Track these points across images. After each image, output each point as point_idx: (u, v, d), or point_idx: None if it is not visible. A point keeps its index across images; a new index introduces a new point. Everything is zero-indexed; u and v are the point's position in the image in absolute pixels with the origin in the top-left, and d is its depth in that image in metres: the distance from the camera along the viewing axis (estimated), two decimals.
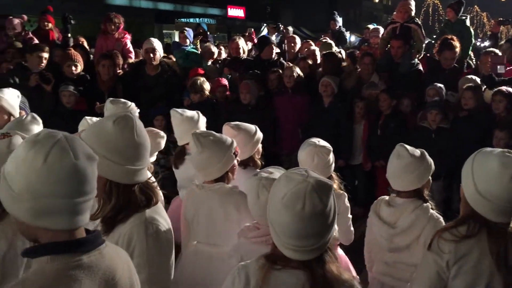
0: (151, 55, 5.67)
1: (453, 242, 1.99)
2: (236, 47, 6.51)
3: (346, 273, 1.63)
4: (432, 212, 2.67)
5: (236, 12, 23.73)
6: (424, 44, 6.74)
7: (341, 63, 6.56)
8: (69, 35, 6.34)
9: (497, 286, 1.96)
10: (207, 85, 5.51)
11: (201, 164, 2.69)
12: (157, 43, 5.77)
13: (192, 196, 2.77)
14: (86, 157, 1.36)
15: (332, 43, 7.42)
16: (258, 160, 3.32)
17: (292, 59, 6.79)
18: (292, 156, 5.41)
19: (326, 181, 1.57)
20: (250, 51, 7.54)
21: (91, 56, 6.58)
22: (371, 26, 9.35)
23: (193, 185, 2.79)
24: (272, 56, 6.31)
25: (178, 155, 3.66)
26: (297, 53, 7.08)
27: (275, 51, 6.43)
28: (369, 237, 2.90)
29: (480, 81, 5.47)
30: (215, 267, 2.52)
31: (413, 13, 6.58)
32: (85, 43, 6.88)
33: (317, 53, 6.78)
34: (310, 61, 6.45)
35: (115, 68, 5.71)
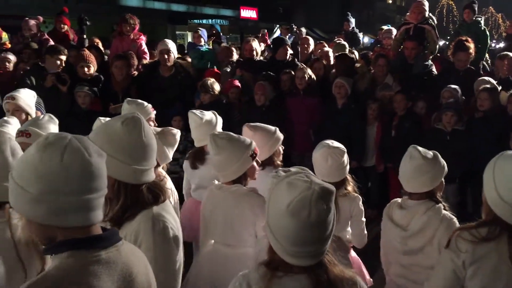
0: (166, 57, 5.71)
1: (472, 242, 1.97)
2: (250, 48, 6.53)
3: (347, 270, 1.62)
4: (445, 212, 2.65)
5: (248, 13, 23.77)
6: (438, 45, 6.69)
7: (354, 64, 6.55)
8: (85, 36, 6.42)
9: None
10: (217, 86, 5.54)
11: (218, 166, 2.71)
12: (171, 45, 5.81)
13: (211, 196, 2.80)
14: (97, 154, 1.41)
15: (346, 44, 7.40)
16: (277, 161, 3.30)
17: (305, 60, 6.78)
18: (304, 157, 5.41)
19: (329, 187, 1.56)
20: (263, 52, 7.55)
21: (105, 57, 6.64)
22: (384, 27, 9.31)
23: (212, 185, 2.81)
24: (286, 57, 6.32)
25: (197, 155, 3.65)
26: (310, 54, 7.07)
27: (289, 52, 6.44)
28: (384, 240, 2.89)
29: (496, 83, 5.43)
30: (231, 267, 2.52)
31: (427, 14, 6.54)
32: (100, 44, 6.95)
33: (331, 54, 6.78)
34: (324, 62, 6.45)
35: (130, 69, 5.76)
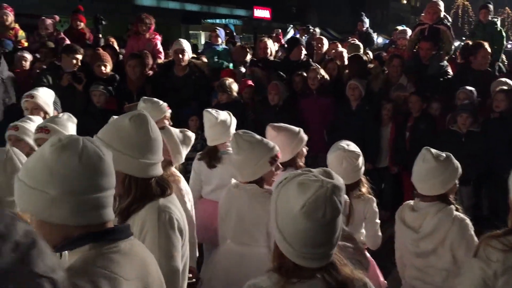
0: (180, 56, 5.74)
1: (502, 251, 1.93)
2: (264, 47, 6.53)
3: (356, 271, 1.61)
4: (457, 213, 2.62)
5: (262, 13, 23.77)
6: (454, 46, 6.65)
7: (367, 65, 6.52)
8: (100, 35, 6.47)
9: None
10: (235, 86, 5.55)
11: (237, 165, 2.76)
12: (186, 44, 5.83)
13: (228, 195, 2.84)
14: (108, 153, 1.46)
15: (360, 44, 7.38)
16: (300, 162, 3.28)
17: (319, 60, 6.77)
18: (317, 157, 5.40)
19: (340, 182, 1.55)
20: (277, 52, 7.56)
21: (120, 56, 6.70)
22: (399, 28, 9.26)
23: (230, 184, 2.84)
24: (301, 57, 6.32)
25: (212, 154, 3.64)
26: (324, 55, 7.06)
27: (303, 52, 6.43)
28: (397, 242, 2.88)
29: None
30: (246, 266, 2.55)
31: (442, 14, 6.49)
32: (115, 43, 7.01)
33: (344, 55, 6.76)
34: (338, 63, 6.43)
35: (144, 68, 5.79)
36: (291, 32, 11.33)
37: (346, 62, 6.63)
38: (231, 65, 6.83)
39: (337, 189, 1.52)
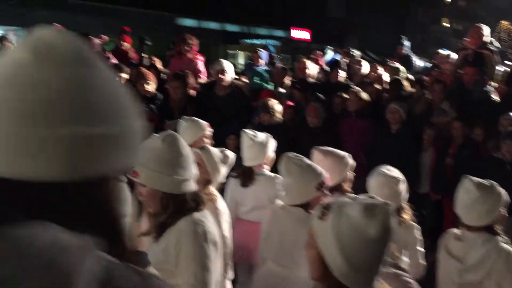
0: (221, 76, 5.84)
1: None
2: (303, 68, 6.57)
3: None
4: (503, 245, 2.53)
5: (300, 34, 23.93)
6: (498, 71, 6.51)
7: (408, 89, 6.46)
8: (143, 55, 6.67)
9: None
10: (278, 107, 5.56)
11: (284, 187, 2.79)
12: (227, 65, 5.94)
13: (273, 216, 2.86)
14: None
15: (401, 67, 7.32)
16: (347, 187, 3.26)
17: (359, 82, 6.76)
18: (355, 180, 5.34)
19: (391, 204, 1.55)
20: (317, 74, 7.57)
21: (163, 75, 6.87)
22: (441, 51, 9.13)
23: (277, 205, 2.86)
24: (340, 79, 6.32)
25: (247, 174, 3.67)
26: (364, 77, 7.04)
27: (343, 74, 6.43)
28: (440, 272, 2.81)
29: None
30: None
31: (486, 38, 6.38)
32: (158, 62, 7.19)
33: (384, 78, 6.72)
34: (378, 86, 6.40)
35: (186, 88, 5.92)
36: (329, 54, 11.35)
37: (386, 85, 6.59)
38: (270, 86, 6.88)
39: (393, 210, 1.53)
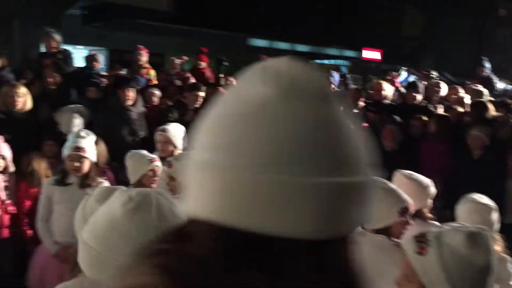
0: None
1: None
2: (379, 89, 6.47)
3: None
4: None
5: (371, 55, 23.57)
6: None
7: (493, 112, 6.16)
8: (222, 75, 6.88)
9: None
10: None
11: None
12: None
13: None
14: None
15: (484, 90, 7.00)
16: (427, 214, 3.17)
17: (437, 104, 6.55)
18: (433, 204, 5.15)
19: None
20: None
21: None
22: None
23: (358, 230, 2.80)
24: (418, 101, 6.16)
25: None
26: (443, 99, 6.81)
27: (421, 96, 6.28)
28: None
29: None
30: None
31: None
32: (234, 82, 7.39)
33: (466, 100, 6.46)
34: (460, 108, 6.16)
35: None
36: (403, 75, 11.12)
37: (468, 107, 6.34)
38: None
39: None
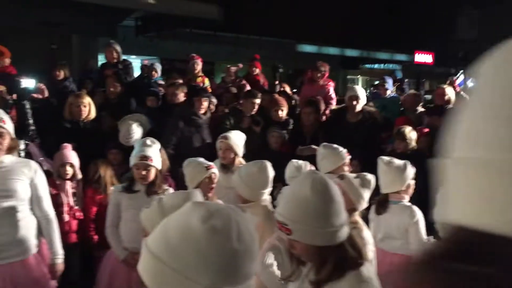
0: (354, 103, 5.79)
1: None
2: (442, 94, 6.24)
3: None
4: None
5: (423, 58, 22.94)
6: None
7: None
8: (277, 82, 6.88)
9: None
10: (414, 135, 5.35)
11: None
12: (360, 91, 5.87)
13: None
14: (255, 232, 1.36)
15: None
16: None
17: None
18: None
19: None
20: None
21: (292, 101, 7.01)
22: None
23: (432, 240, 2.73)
24: None
25: (382, 201, 3.69)
26: None
27: None
28: None
29: None
30: None
31: None
32: (287, 88, 7.37)
33: None
34: None
35: (318, 114, 5.97)
36: (461, 78, 10.73)
37: None
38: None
39: None
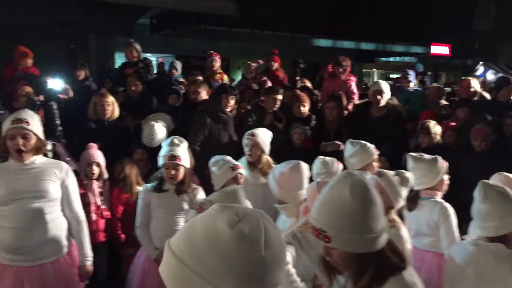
0: (378, 97, 5.71)
1: None
2: (467, 86, 6.14)
3: None
4: None
5: (440, 50, 22.63)
6: None
7: None
8: (298, 77, 6.81)
9: None
10: (438, 129, 5.28)
11: (478, 216, 2.54)
12: (384, 85, 5.78)
13: (463, 251, 2.61)
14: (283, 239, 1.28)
15: None
16: None
17: None
18: None
19: None
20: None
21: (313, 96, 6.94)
22: None
23: (466, 239, 2.65)
24: (510, 97, 5.79)
25: (412, 197, 3.59)
26: None
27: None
28: None
29: None
30: None
31: None
32: (308, 83, 7.29)
33: None
34: None
35: (341, 109, 5.90)
36: (480, 69, 10.59)
37: None
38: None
39: None
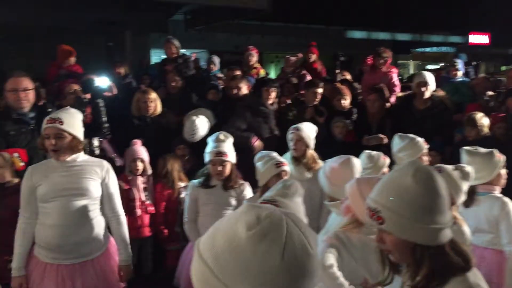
0: (422, 89, 5.56)
1: None
2: None
3: None
4: None
5: (479, 39, 21.97)
6: None
7: None
8: (338, 70, 6.72)
9: None
10: (486, 121, 5.11)
11: None
12: (429, 77, 5.62)
13: None
14: (315, 244, 1.18)
15: None
16: None
17: None
18: None
19: None
20: None
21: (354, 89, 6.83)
22: None
23: None
24: None
25: (469, 193, 3.38)
26: None
27: None
28: None
29: None
30: None
31: None
32: (348, 76, 7.18)
33: None
34: None
35: (384, 102, 5.78)
36: None
37: None
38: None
39: None
